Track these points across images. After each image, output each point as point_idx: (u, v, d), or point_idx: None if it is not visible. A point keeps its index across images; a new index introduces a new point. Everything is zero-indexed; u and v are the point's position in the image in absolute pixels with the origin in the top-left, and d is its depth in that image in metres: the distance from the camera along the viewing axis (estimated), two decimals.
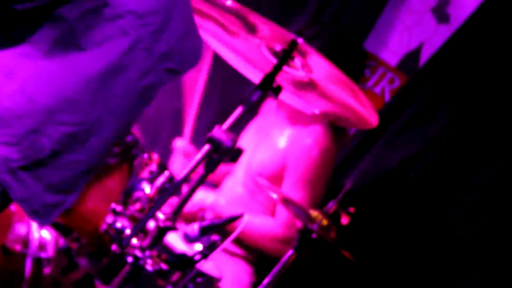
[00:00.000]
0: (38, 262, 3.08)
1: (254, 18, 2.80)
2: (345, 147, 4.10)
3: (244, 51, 3.05)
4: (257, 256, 3.78)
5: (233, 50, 3.09)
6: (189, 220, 3.72)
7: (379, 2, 4.40)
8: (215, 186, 3.98)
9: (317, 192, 3.69)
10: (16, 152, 1.89)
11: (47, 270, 3.12)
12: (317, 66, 2.86)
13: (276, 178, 3.70)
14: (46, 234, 3.14)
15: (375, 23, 4.39)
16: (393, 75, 4.35)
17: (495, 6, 4.01)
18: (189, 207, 3.74)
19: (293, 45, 2.74)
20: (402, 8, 4.36)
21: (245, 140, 3.92)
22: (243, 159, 3.81)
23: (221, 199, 3.74)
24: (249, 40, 2.96)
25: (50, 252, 3.11)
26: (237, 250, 3.76)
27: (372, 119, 2.98)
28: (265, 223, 3.69)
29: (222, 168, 4.03)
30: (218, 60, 3.61)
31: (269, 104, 3.97)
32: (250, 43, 2.96)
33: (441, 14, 4.27)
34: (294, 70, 2.87)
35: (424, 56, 4.27)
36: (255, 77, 2.98)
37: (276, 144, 3.76)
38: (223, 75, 4.42)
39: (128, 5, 1.95)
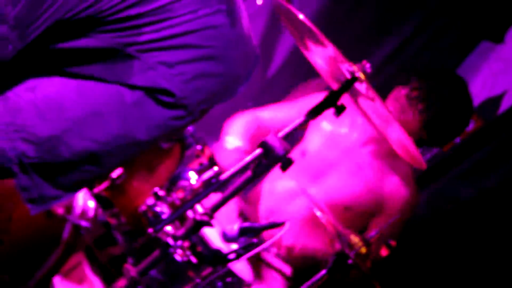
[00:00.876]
0: (77, 229, 3.12)
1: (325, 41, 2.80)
2: None
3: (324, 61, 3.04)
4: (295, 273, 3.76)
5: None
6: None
7: (470, 43, 4.34)
8: None
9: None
10: (34, 150, 1.95)
11: (84, 238, 3.16)
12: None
13: (362, 214, 3.68)
14: (91, 203, 3.17)
15: (461, 63, 4.33)
16: None
17: None
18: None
19: (353, 81, 2.72)
20: (492, 53, 4.30)
21: (320, 147, 3.87)
22: (320, 176, 3.77)
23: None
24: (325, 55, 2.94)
25: (90, 221, 3.15)
26: (278, 263, 3.75)
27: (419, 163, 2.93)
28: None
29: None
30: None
31: (364, 128, 3.88)
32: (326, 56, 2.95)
33: None
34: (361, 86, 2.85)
35: (505, 104, 4.20)
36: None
37: (373, 181, 3.72)
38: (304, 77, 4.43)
39: (158, 56, 2.00)
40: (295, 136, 4.05)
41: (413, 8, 4.34)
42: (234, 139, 3.95)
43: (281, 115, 3.94)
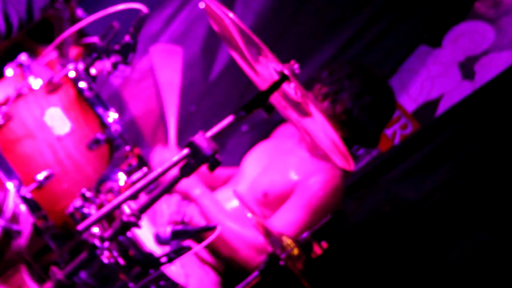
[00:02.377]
0: (8, 233, 3.08)
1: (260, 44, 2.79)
2: None
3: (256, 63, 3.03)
4: (226, 269, 3.74)
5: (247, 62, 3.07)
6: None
7: (409, 47, 4.37)
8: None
9: (310, 223, 3.64)
10: None
11: (16, 242, 3.11)
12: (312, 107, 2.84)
13: (280, 200, 3.67)
14: (22, 207, 3.13)
15: (400, 66, 4.36)
16: (407, 121, 4.31)
17: None
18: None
19: (282, 80, 2.72)
20: (430, 57, 4.33)
21: (254, 159, 3.89)
22: (250, 175, 3.78)
23: (211, 199, 3.71)
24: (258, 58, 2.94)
25: (21, 225, 3.10)
26: (209, 258, 3.73)
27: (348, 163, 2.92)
28: (246, 230, 3.66)
29: (222, 174, 4.03)
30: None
31: (289, 130, 3.93)
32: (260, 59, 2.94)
33: (467, 70, 4.24)
34: (291, 90, 2.85)
35: (442, 108, 4.24)
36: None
37: (291, 169, 3.72)
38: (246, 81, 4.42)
39: None
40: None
41: (352, 13, 4.36)
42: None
43: None
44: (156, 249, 2.92)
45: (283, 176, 3.71)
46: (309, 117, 2.86)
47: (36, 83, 2.98)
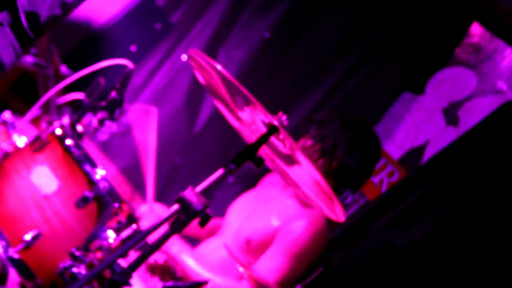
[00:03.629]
0: None
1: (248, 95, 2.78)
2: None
3: (243, 119, 3.02)
4: None
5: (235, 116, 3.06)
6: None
7: (392, 94, 4.39)
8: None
9: (293, 270, 3.60)
10: None
11: None
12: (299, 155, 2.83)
13: (262, 246, 3.64)
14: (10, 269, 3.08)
15: (384, 113, 4.37)
16: (393, 169, 4.31)
17: (504, 118, 4.01)
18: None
19: (271, 131, 2.71)
20: (414, 103, 4.35)
21: (241, 206, 3.86)
22: (234, 223, 3.75)
23: (194, 256, 3.68)
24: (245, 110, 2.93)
25: (8, 286, 3.05)
26: None
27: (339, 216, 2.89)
28: (232, 283, 3.61)
29: (208, 225, 4.00)
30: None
31: (273, 178, 3.92)
32: (247, 112, 2.93)
33: (451, 116, 4.26)
34: (279, 143, 2.83)
35: (428, 154, 4.24)
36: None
37: (272, 215, 3.69)
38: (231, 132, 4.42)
39: None
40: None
41: (335, 61, 4.39)
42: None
43: None
44: None
45: (265, 223, 3.68)
46: (297, 167, 2.85)
47: (20, 141, 2.96)
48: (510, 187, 3.87)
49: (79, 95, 3.03)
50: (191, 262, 3.57)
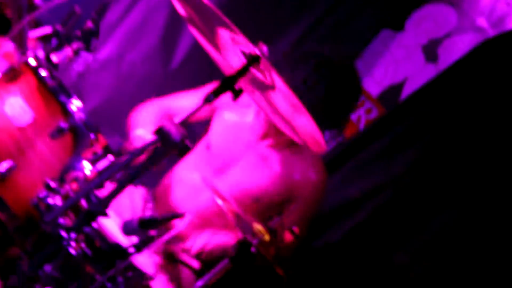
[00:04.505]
0: None
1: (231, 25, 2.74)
2: None
3: (222, 47, 2.97)
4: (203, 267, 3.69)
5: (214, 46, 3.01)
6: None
7: (372, 31, 4.35)
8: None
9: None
10: None
11: None
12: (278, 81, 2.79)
13: (272, 205, 3.62)
14: None
15: (363, 50, 4.34)
16: (372, 106, 4.29)
17: (483, 56, 4.00)
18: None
19: (252, 61, 2.66)
20: (394, 40, 4.32)
21: (229, 150, 3.80)
22: (229, 175, 3.70)
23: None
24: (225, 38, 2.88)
25: None
26: (183, 257, 3.68)
27: (320, 145, 2.87)
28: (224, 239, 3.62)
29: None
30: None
31: (260, 124, 3.83)
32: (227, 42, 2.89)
33: (430, 53, 4.23)
34: (259, 72, 2.79)
35: (406, 91, 4.23)
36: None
37: (277, 171, 3.66)
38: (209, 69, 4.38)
39: None
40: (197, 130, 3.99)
41: None
42: (144, 131, 3.84)
43: (188, 102, 3.84)
44: (123, 240, 2.85)
45: (273, 183, 3.64)
46: (277, 97, 2.82)
47: None
48: (488, 124, 3.87)
49: (50, 29, 2.96)
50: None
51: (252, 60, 2.69)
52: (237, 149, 3.75)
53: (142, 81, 4.44)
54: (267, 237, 2.96)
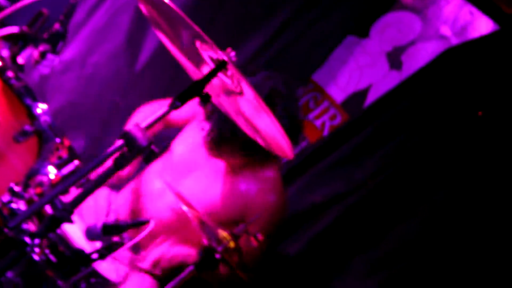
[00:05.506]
0: None
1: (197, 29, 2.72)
2: None
3: (188, 51, 2.95)
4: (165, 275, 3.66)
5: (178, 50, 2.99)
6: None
7: (337, 37, 4.37)
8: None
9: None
10: None
11: None
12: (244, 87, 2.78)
13: (225, 222, 3.58)
14: None
15: (328, 56, 4.35)
16: (336, 112, 4.30)
17: (446, 64, 4.03)
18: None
19: (220, 66, 2.65)
20: (358, 47, 4.34)
21: (185, 159, 3.77)
22: (183, 185, 3.66)
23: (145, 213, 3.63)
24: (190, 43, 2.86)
25: None
26: (145, 265, 3.65)
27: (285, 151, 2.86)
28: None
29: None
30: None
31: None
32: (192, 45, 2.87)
33: (394, 60, 4.26)
34: (226, 78, 2.78)
35: (370, 98, 4.25)
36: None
37: (232, 191, 3.62)
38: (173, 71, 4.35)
39: None
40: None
41: (282, 2, 4.33)
42: None
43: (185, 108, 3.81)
44: (87, 246, 2.83)
45: (226, 200, 3.61)
46: (245, 105, 2.81)
47: None
48: (449, 131, 3.90)
49: (16, 29, 2.92)
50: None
51: (220, 66, 2.67)
52: (196, 160, 3.73)
53: (106, 83, 4.40)
54: (232, 244, 2.95)
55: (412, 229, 3.71)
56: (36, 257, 2.57)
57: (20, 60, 2.83)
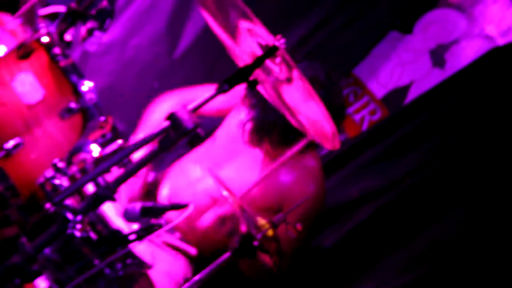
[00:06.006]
0: None
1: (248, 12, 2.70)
2: None
3: (235, 34, 2.94)
4: (199, 255, 3.66)
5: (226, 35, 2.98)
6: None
7: (380, 32, 4.34)
8: None
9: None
10: None
11: None
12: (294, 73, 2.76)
13: (267, 210, 3.58)
14: None
15: (370, 51, 4.32)
16: (375, 107, 4.28)
17: (491, 64, 4.00)
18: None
19: (270, 52, 2.63)
20: (401, 43, 4.31)
21: (226, 148, 3.78)
22: (222, 173, 3.66)
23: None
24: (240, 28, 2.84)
25: None
26: (180, 244, 3.65)
27: (334, 142, 2.84)
28: None
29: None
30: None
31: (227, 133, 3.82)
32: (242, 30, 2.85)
33: (437, 58, 4.22)
34: (275, 66, 2.76)
35: (411, 95, 4.22)
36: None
37: (270, 179, 3.63)
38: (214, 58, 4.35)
39: None
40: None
41: None
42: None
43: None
44: (124, 227, 2.82)
45: (266, 190, 3.61)
46: (291, 92, 2.79)
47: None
48: (491, 131, 3.87)
49: (64, 7, 2.93)
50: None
51: (270, 52, 2.65)
52: (236, 148, 3.73)
53: (146, 67, 4.39)
54: (270, 232, 2.93)
55: (448, 229, 3.68)
56: (77, 233, 2.56)
57: (68, 37, 2.83)
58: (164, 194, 3.74)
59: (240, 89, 2.97)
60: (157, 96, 4.35)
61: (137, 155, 2.58)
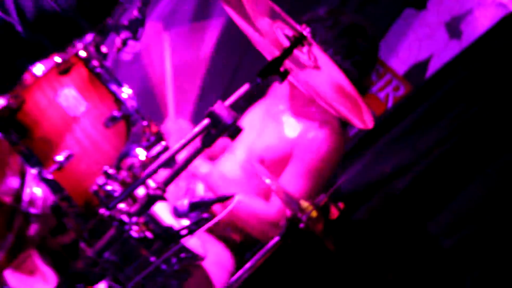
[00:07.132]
0: (26, 217, 3.08)
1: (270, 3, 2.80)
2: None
3: (261, 30, 3.04)
4: (241, 245, 3.77)
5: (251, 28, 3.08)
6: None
7: (394, 11, 4.41)
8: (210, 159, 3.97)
9: (316, 185, 3.66)
10: None
11: (33, 227, 3.11)
12: (321, 58, 2.86)
13: (278, 164, 3.68)
14: (38, 190, 3.13)
15: (387, 30, 4.40)
16: (398, 83, 4.36)
17: (506, 30, 4.06)
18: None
19: (300, 39, 2.73)
20: (416, 19, 4.38)
21: (250, 121, 3.89)
22: (246, 140, 3.79)
23: (216, 174, 3.73)
24: (264, 21, 2.95)
25: (39, 208, 3.10)
26: (224, 233, 3.76)
27: (367, 122, 2.95)
28: (258, 204, 3.68)
29: (220, 143, 4.03)
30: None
31: (280, 89, 3.92)
32: (266, 23, 2.95)
33: (453, 29, 4.29)
34: (301, 53, 2.86)
35: (432, 68, 4.29)
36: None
37: (286, 131, 3.73)
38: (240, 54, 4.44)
39: None
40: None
41: None
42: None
43: None
44: (174, 223, 2.94)
45: (278, 138, 3.72)
46: (318, 77, 2.89)
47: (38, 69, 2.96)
48: None
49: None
50: (219, 182, 3.64)
51: (297, 41, 2.76)
52: (258, 117, 3.86)
53: (174, 70, 4.50)
54: (314, 213, 3.05)
55: (476, 195, 3.77)
56: (134, 234, 2.69)
57: (104, 49, 2.94)
58: (200, 189, 3.85)
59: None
60: (187, 96, 4.47)
61: (181, 155, 2.72)
